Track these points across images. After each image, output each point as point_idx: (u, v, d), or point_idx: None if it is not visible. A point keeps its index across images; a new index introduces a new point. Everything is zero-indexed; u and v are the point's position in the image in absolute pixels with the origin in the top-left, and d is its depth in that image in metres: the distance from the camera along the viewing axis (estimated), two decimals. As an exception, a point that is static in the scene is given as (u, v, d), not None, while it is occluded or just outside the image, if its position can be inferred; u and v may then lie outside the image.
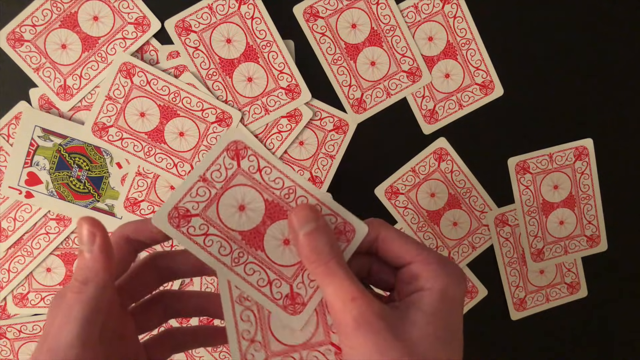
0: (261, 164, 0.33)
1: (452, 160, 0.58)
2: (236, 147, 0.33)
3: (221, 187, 0.33)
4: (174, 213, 0.32)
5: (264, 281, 0.33)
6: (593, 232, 0.60)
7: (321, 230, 0.31)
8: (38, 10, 0.52)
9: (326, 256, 0.30)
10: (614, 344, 0.62)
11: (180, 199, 0.33)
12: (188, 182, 0.33)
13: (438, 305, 0.30)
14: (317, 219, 0.31)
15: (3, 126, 0.53)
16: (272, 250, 0.33)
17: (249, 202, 0.33)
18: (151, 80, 0.53)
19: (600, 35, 0.58)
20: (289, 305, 0.33)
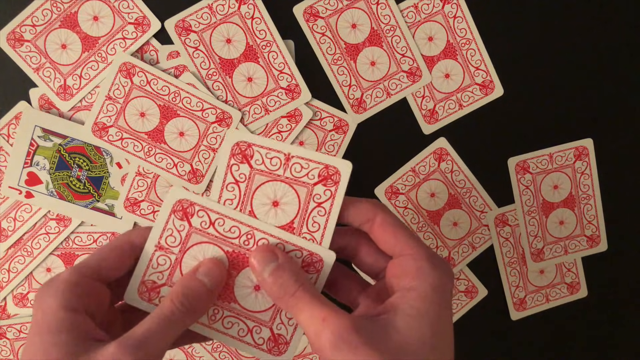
0: (212, 217, 0.33)
1: (452, 160, 0.58)
2: (182, 207, 0.33)
3: (179, 251, 0.33)
4: (142, 288, 0.33)
5: (244, 331, 0.34)
6: (593, 232, 0.60)
7: (283, 266, 0.32)
8: (38, 10, 0.52)
9: (291, 288, 0.31)
10: (614, 344, 0.62)
11: (144, 273, 0.33)
12: (146, 255, 0.33)
13: (423, 307, 0.29)
14: (276, 258, 0.32)
15: (3, 126, 0.53)
16: (244, 299, 0.34)
17: None
18: (151, 80, 0.53)
19: (600, 35, 0.58)
20: (273, 348, 0.34)
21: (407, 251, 0.31)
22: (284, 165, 0.33)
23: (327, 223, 0.33)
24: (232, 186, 0.33)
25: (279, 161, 0.33)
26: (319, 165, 0.33)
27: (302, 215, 0.34)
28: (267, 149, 0.33)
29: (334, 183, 0.33)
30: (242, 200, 0.33)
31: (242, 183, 0.33)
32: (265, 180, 0.33)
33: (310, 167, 0.33)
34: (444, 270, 0.31)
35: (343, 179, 0.33)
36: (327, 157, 0.33)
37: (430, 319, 0.29)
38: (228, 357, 0.57)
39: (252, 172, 0.33)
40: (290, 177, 0.33)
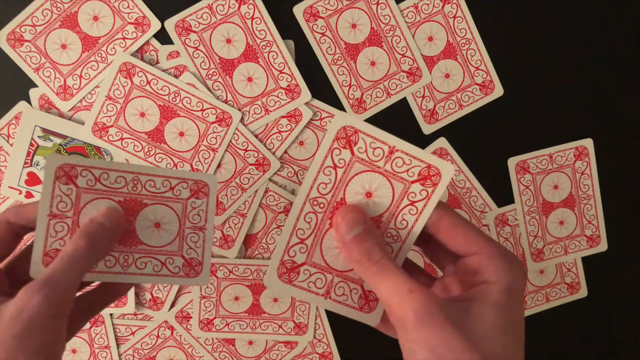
0: (96, 173, 0.34)
1: (452, 160, 0.58)
2: (64, 172, 0.34)
3: (73, 213, 0.34)
4: (47, 259, 0.34)
5: (159, 266, 0.36)
6: (593, 232, 0.60)
7: (369, 231, 0.31)
8: (38, 10, 0.52)
9: (377, 255, 0.30)
10: (614, 344, 0.62)
11: (45, 244, 0.34)
12: (41, 226, 0.34)
13: (505, 300, 0.29)
14: (364, 221, 0.31)
15: (3, 126, 0.53)
16: (149, 238, 0.36)
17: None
18: (151, 80, 0.53)
19: (600, 35, 0.58)
20: (190, 272, 0.36)
21: (481, 250, 0.31)
22: (386, 158, 0.33)
23: (415, 223, 0.33)
24: (330, 170, 0.33)
25: (382, 152, 0.33)
26: (421, 163, 0.33)
27: (393, 210, 0.33)
28: (373, 139, 0.33)
29: (432, 184, 0.33)
30: (336, 185, 0.33)
31: (340, 168, 0.33)
32: (363, 169, 0.33)
33: (412, 164, 0.33)
34: (519, 268, 0.31)
35: (443, 181, 0.33)
36: (431, 156, 0.33)
37: (508, 310, 0.29)
38: (228, 357, 0.57)
39: (353, 159, 0.33)
40: (390, 171, 0.33)
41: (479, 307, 0.29)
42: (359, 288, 0.34)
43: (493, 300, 0.29)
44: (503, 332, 0.28)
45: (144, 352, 0.57)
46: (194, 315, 0.56)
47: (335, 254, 0.34)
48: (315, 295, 0.34)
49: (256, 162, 0.55)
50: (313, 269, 0.34)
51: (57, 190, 0.34)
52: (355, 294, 0.34)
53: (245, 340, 0.57)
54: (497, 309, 0.29)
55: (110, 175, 0.34)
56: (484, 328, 0.28)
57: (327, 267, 0.34)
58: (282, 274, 0.33)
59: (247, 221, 0.56)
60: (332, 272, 0.34)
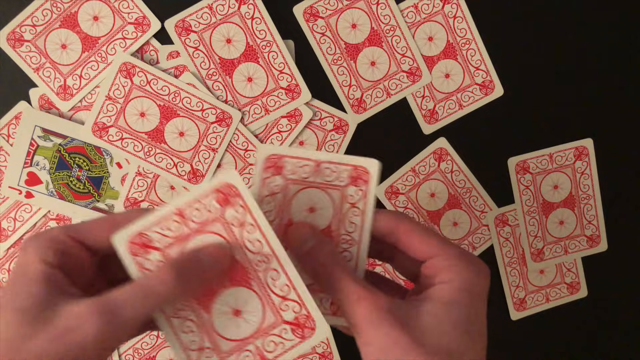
0: (247, 219, 0.32)
1: (452, 160, 0.58)
2: (227, 192, 0.31)
3: (195, 229, 0.31)
4: (137, 239, 0.31)
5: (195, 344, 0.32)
6: (593, 232, 0.60)
7: (320, 244, 0.32)
8: (38, 10, 0.52)
9: (329, 267, 0.31)
10: (614, 344, 0.62)
11: (149, 226, 0.31)
12: (162, 211, 0.31)
13: (456, 297, 0.30)
14: (314, 235, 0.32)
15: (3, 126, 0.53)
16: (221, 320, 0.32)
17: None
18: (151, 80, 0.53)
19: (600, 35, 0.58)
20: None
21: (438, 253, 0.32)
22: (315, 172, 0.34)
23: (363, 222, 0.34)
24: (269, 199, 0.34)
25: (310, 168, 0.34)
26: (347, 167, 0.34)
27: (339, 217, 0.34)
28: (297, 159, 0.34)
29: (364, 182, 0.34)
30: (279, 210, 0.34)
31: (277, 194, 0.34)
32: (299, 188, 0.34)
33: (339, 170, 0.34)
34: (476, 267, 0.31)
35: (372, 176, 0.34)
36: (354, 158, 0.34)
37: (460, 306, 0.30)
38: (228, 357, 0.57)
39: (286, 182, 0.34)
40: (323, 182, 0.34)
41: (429, 305, 0.30)
42: (328, 296, 0.34)
43: (444, 297, 0.30)
44: (454, 327, 0.29)
45: (144, 352, 0.57)
46: (194, 315, 0.56)
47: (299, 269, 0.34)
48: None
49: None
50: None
51: (207, 199, 0.31)
52: (326, 302, 0.34)
53: (245, 340, 0.57)
54: (447, 305, 0.30)
55: (255, 232, 0.32)
56: (432, 324, 0.29)
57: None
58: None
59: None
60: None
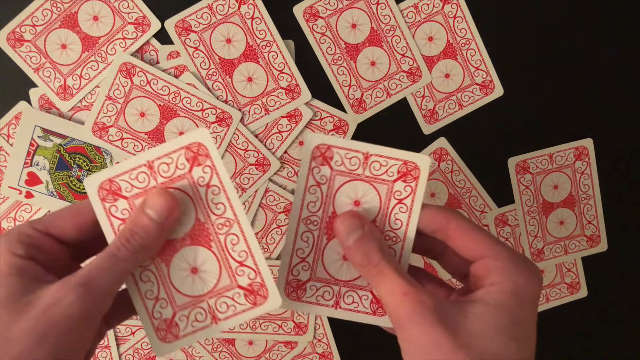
0: (213, 181, 0.32)
1: (452, 160, 0.58)
2: (197, 151, 0.32)
3: (162, 183, 0.32)
4: (107, 184, 0.32)
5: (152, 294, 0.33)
6: (593, 232, 0.60)
7: (368, 235, 0.32)
8: (38, 10, 0.52)
9: (375, 258, 0.31)
10: (614, 344, 0.62)
11: (119, 174, 0.32)
12: (132, 162, 0.32)
13: (505, 300, 0.29)
14: (362, 226, 0.32)
15: (3, 126, 0.53)
16: (179, 279, 0.33)
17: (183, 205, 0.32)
18: (151, 80, 0.53)
19: (600, 35, 0.58)
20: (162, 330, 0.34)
21: (488, 253, 0.31)
22: (363, 165, 0.34)
23: (409, 219, 0.34)
24: (314, 189, 0.34)
25: (358, 161, 0.34)
26: (397, 162, 0.34)
27: (384, 212, 0.34)
28: (346, 150, 0.34)
29: (413, 178, 0.34)
30: (324, 201, 0.34)
31: (323, 185, 0.34)
32: (346, 180, 0.34)
33: (389, 165, 0.34)
34: (528, 270, 0.30)
35: (423, 174, 0.34)
36: (405, 153, 0.34)
37: (509, 310, 0.29)
38: (228, 357, 0.57)
39: (333, 173, 0.34)
40: (370, 176, 0.34)
41: (477, 307, 0.29)
42: (368, 294, 0.34)
43: (493, 300, 0.29)
44: (500, 332, 0.28)
45: (144, 352, 0.57)
46: (194, 315, 0.56)
47: (338, 266, 0.34)
48: (325, 307, 0.35)
49: (256, 162, 0.55)
50: (319, 283, 0.35)
51: (176, 155, 0.32)
52: (365, 300, 0.34)
53: (245, 340, 0.57)
54: (495, 309, 0.29)
55: (219, 194, 0.32)
56: (479, 328, 0.28)
57: (332, 280, 0.35)
58: (290, 292, 0.35)
59: None
60: (339, 283, 0.35)
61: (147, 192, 0.32)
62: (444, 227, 0.33)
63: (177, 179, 0.32)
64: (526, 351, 0.29)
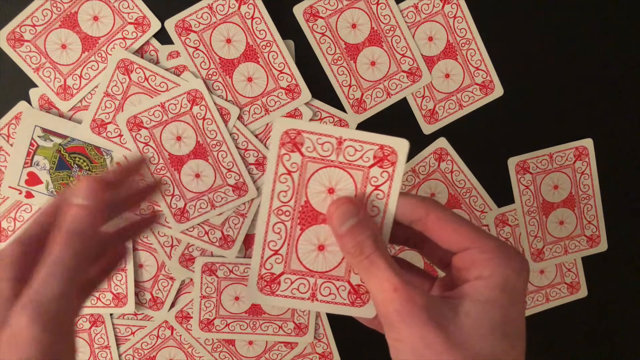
0: (207, 115, 0.33)
1: (452, 160, 0.58)
2: (195, 94, 0.32)
3: (172, 118, 0.32)
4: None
5: None
6: (593, 232, 0.60)
7: (362, 224, 0.30)
8: (38, 10, 0.53)
9: (368, 249, 0.29)
10: (614, 344, 0.62)
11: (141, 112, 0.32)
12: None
13: (495, 295, 0.28)
14: (357, 213, 0.30)
15: (3, 126, 0.53)
16: None
17: None
18: (149, 76, 0.53)
19: (600, 34, 0.58)
20: None
21: (473, 244, 0.30)
22: (337, 150, 0.32)
23: (386, 207, 0.32)
24: (285, 177, 0.32)
25: (331, 146, 0.32)
26: (373, 146, 0.32)
27: (359, 199, 0.32)
28: (318, 135, 0.32)
29: (390, 164, 0.32)
30: (295, 190, 0.32)
31: (294, 173, 0.32)
32: (318, 167, 0.32)
33: (364, 149, 0.32)
34: (517, 261, 0.29)
35: (400, 159, 0.32)
36: (381, 136, 0.32)
37: (501, 307, 0.28)
38: (228, 357, 0.57)
39: (304, 160, 0.32)
40: (345, 162, 0.32)
41: (468, 305, 0.28)
42: (345, 284, 0.33)
43: (483, 296, 0.28)
44: (493, 330, 0.27)
45: (144, 352, 0.57)
46: (194, 316, 0.56)
47: (314, 257, 0.33)
48: (301, 301, 0.33)
49: (256, 162, 0.55)
50: (293, 276, 0.33)
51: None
52: (343, 291, 0.33)
53: (245, 340, 0.57)
54: (486, 306, 0.28)
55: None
56: (471, 327, 0.27)
57: (307, 271, 0.33)
58: (263, 287, 0.33)
59: (247, 221, 0.56)
60: (314, 275, 0.33)
61: (163, 123, 0.32)
62: (422, 218, 0.31)
63: (182, 114, 0.33)
64: (518, 348, 0.29)
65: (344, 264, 0.33)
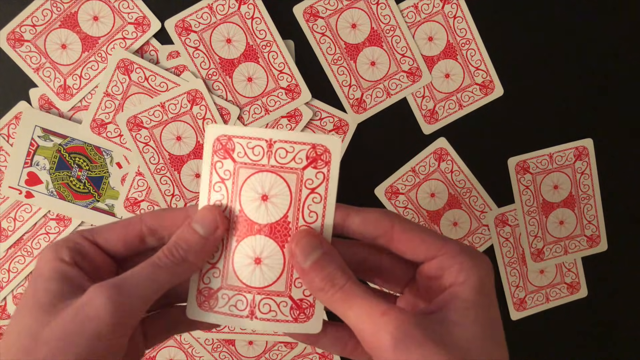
0: (207, 115, 0.32)
1: (452, 160, 0.58)
2: (195, 94, 0.32)
3: (172, 118, 0.31)
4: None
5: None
6: (593, 232, 0.60)
7: (328, 255, 0.29)
8: (38, 10, 0.53)
9: (340, 280, 0.28)
10: (614, 344, 0.62)
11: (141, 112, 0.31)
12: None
13: (476, 299, 0.27)
14: (320, 245, 0.29)
15: (3, 126, 0.53)
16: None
17: None
18: (149, 76, 0.53)
19: (600, 35, 0.58)
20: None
21: (441, 251, 0.29)
22: (268, 153, 0.30)
23: (324, 210, 0.30)
24: (219, 185, 0.31)
25: (262, 149, 0.30)
26: (304, 146, 0.30)
27: (296, 206, 0.30)
28: (248, 139, 0.30)
29: (324, 163, 0.30)
30: (230, 199, 0.31)
31: (227, 180, 0.31)
32: (250, 173, 0.30)
33: (295, 150, 0.30)
34: (484, 262, 0.29)
35: (334, 157, 0.30)
36: (312, 135, 0.30)
37: (484, 310, 0.27)
38: (228, 357, 0.57)
39: (236, 166, 0.30)
40: (276, 165, 0.30)
41: (455, 314, 0.27)
42: (287, 300, 0.31)
43: (466, 302, 0.27)
44: (485, 338, 0.26)
45: (144, 352, 0.57)
46: (193, 315, 0.56)
47: (250, 271, 0.31)
48: (239, 319, 0.31)
49: (256, 162, 0.55)
50: (231, 291, 0.31)
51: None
52: (284, 307, 0.31)
53: (245, 340, 0.57)
54: (472, 312, 0.27)
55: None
56: (465, 338, 0.26)
57: (244, 287, 0.31)
58: (202, 302, 0.31)
59: None
60: (252, 291, 0.31)
61: (162, 123, 0.31)
62: (387, 232, 0.30)
63: (182, 114, 0.32)
64: (504, 344, 0.28)
65: (283, 277, 0.31)
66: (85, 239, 0.31)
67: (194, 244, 0.29)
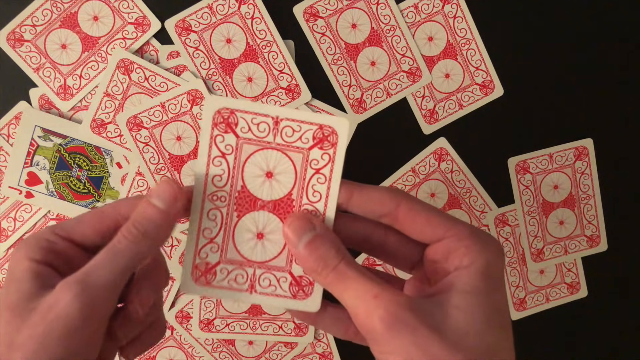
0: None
1: (452, 160, 0.58)
2: (195, 94, 0.31)
3: (172, 118, 0.31)
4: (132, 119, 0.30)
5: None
6: (593, 232, 0.60)
7: (321, 236, 0.28)
8: (38, 10, 0.53)
9: (333, 261, 0.28)
10: (614, 344, 0.62)
11: (141, 112, 0.30)
12: None
13: (481, 283, 0.26)
14: (313, 227, 0.29)
15: (3, 126, 0.53)
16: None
17: None
18: (149, 76, 0.53)
19: (600, 35, 0.58)
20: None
21: (448, 233, 0.28)
22: (274, 131, 0.30)
23: (329, 191, 0.30)
24: (219, 160, 0.30)
25: (267, 126, 0.30)
26: (312, 126, 0.30)
27: (301, 184, 0.30)
28: (253, 114, 0.30)
29: (331, 145, 0.30)
30: (231, 174, 0.30)
31: (229, 155, 0.30)
32: (254, 149, 0.30)
33: (302, 130, 0.30)
34: (493, 245, 0.28)
35: (341, 139, 0.30)
36: (321, 116, 0.30)
37: (488, 295, 0.26)
38: (228, 357, 0.57)
39: (239, 141, 0.30)
40: (282, 143, 0.30)
41: (456, 298, 0.26)
42: (287, 275, 0.31)
43: (470, 287, 0.26)
44: (487, 323, 0.25)
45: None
46: (194, 316, 0.56)
47: (252, 246, 0.31)
48: (239, 292, 0.31)
49: (256, 162, 0.55)
50: (230, 265, 0.31)
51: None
52: (284, 282, 0.31)
53: (245, 340, 0.57)
54: (476, 297, 0.26)
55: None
56: (465, 322, 0.25)
57: (246, 261, 0.31)
58: (198, 277, 0.31)
59: None
60: (253, 265, 0.31)
61: (163, 123, 0.31)
62: (392, 211, 0.29)
63: (182, 114, 0.31)
64: (510, 337, 0.27)
65: (284, 253, 0.31)
66: (58, 236, 0.30)
67: (153, 218, 0.28)
